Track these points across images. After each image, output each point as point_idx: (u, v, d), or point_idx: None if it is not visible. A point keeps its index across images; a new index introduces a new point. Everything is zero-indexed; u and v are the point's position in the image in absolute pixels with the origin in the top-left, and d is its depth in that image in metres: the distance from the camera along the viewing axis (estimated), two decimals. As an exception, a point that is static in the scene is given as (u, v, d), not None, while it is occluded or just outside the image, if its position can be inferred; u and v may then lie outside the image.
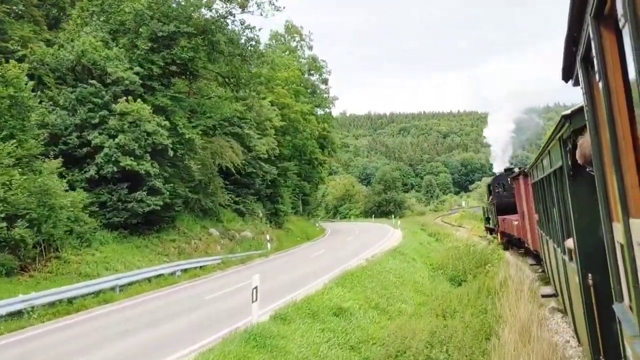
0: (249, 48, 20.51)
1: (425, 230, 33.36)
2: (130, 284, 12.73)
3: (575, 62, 2.32)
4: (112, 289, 11.98)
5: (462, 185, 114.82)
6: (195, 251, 18.13)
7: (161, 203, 16.03)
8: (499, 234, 23.35)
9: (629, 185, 1.77)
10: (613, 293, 2.34)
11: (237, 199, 24.99)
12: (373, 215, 60.96)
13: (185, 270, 15.32)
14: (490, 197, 26.24)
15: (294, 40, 51.26)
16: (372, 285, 10.63)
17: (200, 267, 16.19)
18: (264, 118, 27.49)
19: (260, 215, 27.00)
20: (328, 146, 52.15)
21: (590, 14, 1.77)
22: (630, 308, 2.01)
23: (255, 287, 7.43)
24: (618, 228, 2.02)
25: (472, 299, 9.27)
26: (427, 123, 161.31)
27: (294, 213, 39.72)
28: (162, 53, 17.82)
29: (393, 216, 53.84)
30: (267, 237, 23.55)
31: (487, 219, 28.21)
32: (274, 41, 49.76)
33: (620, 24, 1.37)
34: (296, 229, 32.40)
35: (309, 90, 47.13)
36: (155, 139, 15.97)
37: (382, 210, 70.87)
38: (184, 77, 20.25)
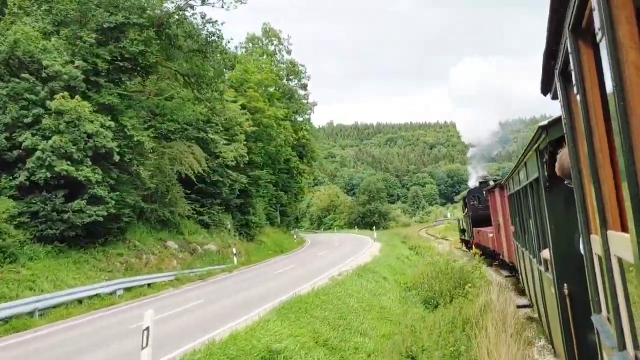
0: (210, 44, 20.13)
1: (406, 242, 34.43)
2: (55, 306, 11.82)
3: (554, 75, 2.53)
4: (31, 313, 11.08)
5: (448, 196, 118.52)
6: (146, 266, 17.62)
7: (105, 213, 15.32)
8: (473, 245, 24.83)
9: (606, 197, 1.95)
10: (591, 304, 2.54)
11: (201, 209, 25.46)
12: (356, 227, 62.60)
13: (129, 289, 14.80)
14: (466, 209, 28.14)
15: (272, 44, 52.66)
16: (326, 314, 9.32)
17: (149, 284, 15.82)
18: (233, 123, 27.72)
19: (229, 226, 27.65)
20: (307, 154, 53.63)
21: (568, 28, 1.95)
22: (609, 320, 2.19)
23: (147, 329, 5.93)
24: (596, 240, 2.21)
25: (445, 332, 8.40)
26: (414, 134, 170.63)
27: (271, 225, 41.17)
28: (109, 46, 17.13)
29: (374, 228, 54.93)
30: (234, 250, 23.77)
31: (463, 231, 30.35)
32: (250, 44, 51.11)
33: (598, 38, 1.53)
34: (270, 242, 33.63)
35: (286, 96, 48.54)
36: (97, 141, 15.28)
37: (366, 221, 72.25)
38: (136, 73, 19.54)
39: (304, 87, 54.33)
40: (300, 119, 51.50)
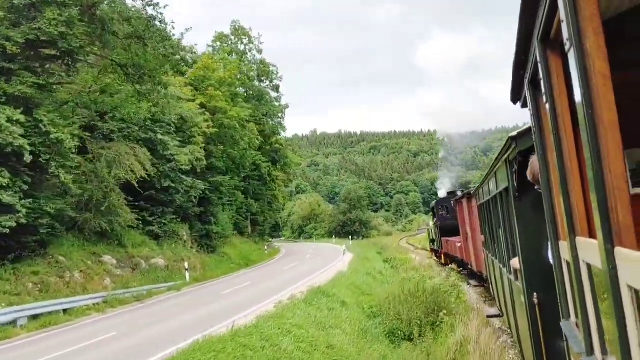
0: (150, 29, 19.27)
1: (382, 253, 35.44)
2: None
3: (523, 84, 2.83)
4: None
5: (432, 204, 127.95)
6: (68, 287, 16.33)
7: (12, 224, 14.16)
8: (442, 255, 27.76)
9: (575, 204, 2.21)
10: (560, 310, 2.84)
11: (150, 218, 24.79)
12: (334, 236, 66.56)
13: (36, 317, 13.38)
14: (435, 219, 30.39)
15: (242, 43, 53.41)
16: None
17: (65, 310, 14.52)
18: (189, 123, 27.39)
19: (185, 238, 27.29)
20: (281, 160, 54.57)
21: (537, 38, 2.21)
22: (577, 325, 2.45)
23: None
24: (565, 246, 2.48)
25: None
26: (398, 142, 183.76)
27: (240, 235, 42.85)
28: (23, 27, 15.83)
29: (350, 238, 58.21)
30: (186, 265, 23.47)
31: (432, 241, 32.92)
32: (218, 43, 51.66)
33: (566, 48, 1.74)
34: (236, 254, 33.95)
35: (255, 97, 49.81)
36: (0, 138, 13.88)
37: (346, 230, 76.46)
38: (60, 61, 18.39)
39: (276, 88, 55.31)
40: (272, 122, 53.19)
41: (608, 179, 1.52)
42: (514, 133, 4.66)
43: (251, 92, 49.80)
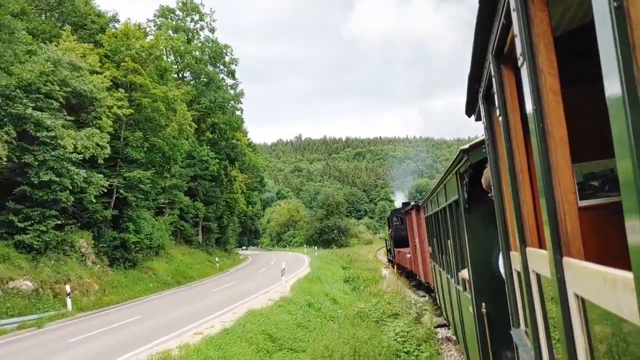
0: None
1: (348, 268, 34.07)
2: None
3: (478, 98, 2.96)
4: None
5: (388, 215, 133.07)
6: None
7: None
8: (395, 265, 29.76)
9: (525, 215, 2.36)
10: (511, 319, 2.97)
11: (22, 224, 20.21)
12: (305, 246, 68.89)
13: None
14: (390, 230, 32.73)
15: (192, 20, 49.96)
16: None
17: None
18: (87, 98, 23.38)
19: (85, 250, 23.84)
20: (238, 158, 52.00)
21: (491, 53, 2.32)
22: (527, 333, 2.58)
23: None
24: (515, 257, 2.61)
25: None
26: (383, 148, 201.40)
27: (188, 244, 42.27)
28: None
29: (316, 248, 58.37)
30: (67, 288, 19.69)
31: (389, 251, 35.11)
32: (162, 18, 47.99)
33: (519, 62, 1.89)
34: (167, 269, 31.45)
35: (203, 79, 46.93)
36: None
37: (324, 238, 76.88)
38: None
39: (232, 74, 51.98)
40: (226, 114, 49.41)
41: (557, 191, 1.68)
42: (466, 146, 5.00)
43: (204, 79, 47.48)
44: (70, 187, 21.49)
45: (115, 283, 24.58)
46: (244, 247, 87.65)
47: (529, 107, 1.86)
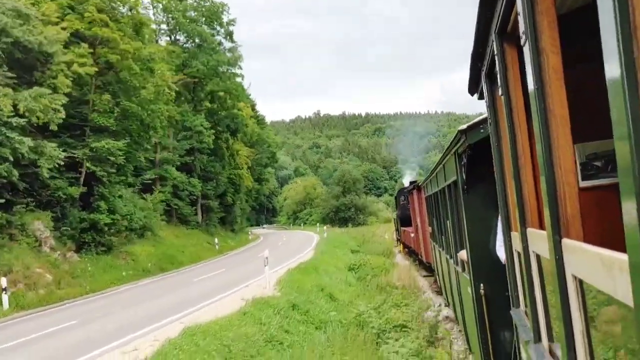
0: None
1: (358, 251, 34.13)
2: None
3: (481, 76, 3.08)
4: None
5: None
6: None
7: None
8: (401, 244, 32.34)
9: (526, 196, 2.51)
10: (510, 299, 3.17)
11: None
12: (318, 224, 70.60)
13: None
14: (397, 209, 32.88)
15: None
16: None
17: None
18: (37, 51, 21.37)
19: (41, 234, 21.78)
20: (240, 130, 51.27)
21: (494, 31, 2.43)
22: (526, 313, 2.78)
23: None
24: (516, 237, 2.78)
25: None
26: (404, 123, 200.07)
27: (184, 224, 42.25)
28: None
29: (325, 227, 59.38)
30: (3, 282, 17.71)
31: (397, 230, 37.14)
32: None
33: (522, 41, 2.00)
34: (152, 254, 30.18)
35: (196, 40, 45.65)
36: None
37: (340, 216, 79.47)
38: None
39: (229, 36, 49.74)
40: (222, 79, 47.28)
41: (558, 172, 1.80)
42: (464, 126, 5.23)
43: (197, 40, 45.89)
44: (12, 158, 19.33)
45: (78, 272, 22.83)
46: (264, 226, 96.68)
47: (531, 86, 1.96)
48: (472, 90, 3.68)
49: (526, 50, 1.98)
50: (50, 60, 21.98)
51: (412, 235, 23.43)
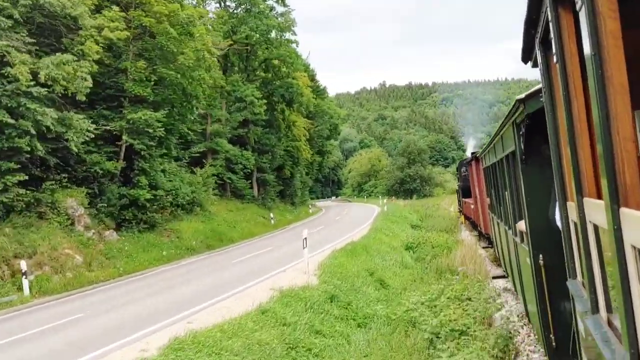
0: None
1: (420, 226, 34.91)
2: None
3: (534, 44, 3.09)
4: None
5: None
6: None
7: None
8: (463, 216, 33.72)
9: (583, 165, 2.57)
10: (567, 270, 3.25)
11: None
12: (380, 196, 71.65)
13: None
14: (459, 180, 35.78)
15: None
16: None
17: None
18: (62, 15, 20.56)
19: (75, 211, 21.57)
20: (295, 100, 49.82)
21: (549, -4, 2.45)
22: (583, 284, 2.86)
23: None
24: (572, 207, 2.84)
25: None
26: (472, 92, 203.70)
27: (239, 199, 42.94)
28: None
29: (384, 201, 58.67)
30: (23, 266, 17.12)
31: (459, 202, 38.77)
32: None
33: (577, 6, 2.01)
34: (199, 231, 29.95)
35: (245, 5, 44.77)
36: None
37: (405, 188, 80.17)
38: None
39: (281, 0, 48.65)
40: (273, 46, 46.09)
41: (616, 140, 1.82)
42: (522, 95, 5.23)
43: (246, 4, 44.90)
44: (34, 132, 18.79)
45: (113, 253, 22.29)
46: (332, 198, 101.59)
47: (587, 52, 1.96)
48: (525, 59, 3.68)
49: (582, 15, 2.00)
50: (78, 25, 21.16)
51: (472, 206, 24.02)
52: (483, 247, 20.81)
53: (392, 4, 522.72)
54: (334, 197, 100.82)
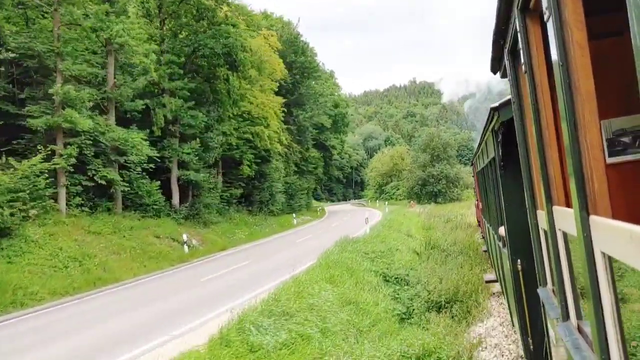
0: None
1: (420, 254, 20.00)
2: None
3: (504, 54, 2.99)
4: None
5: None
6: None
7: None
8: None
9: (552, 174, 2.43)
10: (537, 278, 3.10)
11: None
12: (408, 199, 62.71)
13: None
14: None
15: None
16: None
17: None
18: None
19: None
20: (238, 60, 33.36)
21: (517, 7, 2.34)
22: (554, 292, 2.71)
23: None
24: (542, 215, 2.70)
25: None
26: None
27: (145, 212, 27.05)
28: None
29: (386, 209, 46.51)
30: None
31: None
32: None
33: (545, 17, 1.91)
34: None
35: None
36: None
37: (427, 190, 64.65)
38: None
39: None
40: None
41: (584, 147, 1.73)
42: (496, 104, 5.10)
43: None
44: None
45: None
46: (352, 201, 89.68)
47: (555, 62, 1.89)
48: (494, 69, 3.60)
49: (550, 26, 1.94)
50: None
51: (480, 208, 22.69)
52: (484, 251, 17.29)
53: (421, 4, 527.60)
54: (352, 200, 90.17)
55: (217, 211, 32.38)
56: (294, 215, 44.56)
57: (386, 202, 54.77)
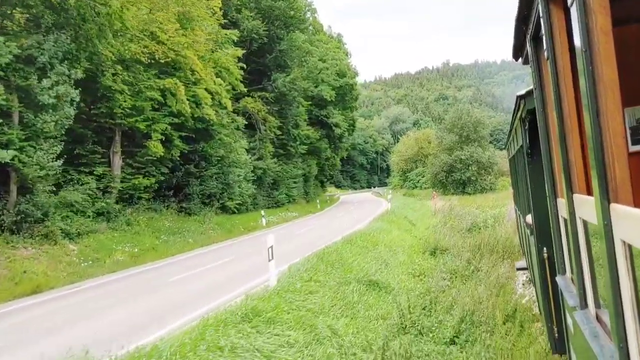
0: None
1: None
2: None
3: (526, 40, 2.84)
4: None
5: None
6: None
7: None
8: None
9: (573, 161, 2.29)
10: (556, 266, 2.98)
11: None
12: (425, 186, 54.85)
13: None
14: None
15: None
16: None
17: None
18: None
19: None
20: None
21: (540, -7, 2.23)
22: (572, 280, 2.58)
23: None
24: (562, 203, 2.58)
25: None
26: None
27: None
28: None
29: (389, 203, 37.19)
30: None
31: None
32: None
33: (569, 2, 1.77)
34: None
35: None
36: None
37: (454, 178, 51.87)
38: None
39: None
40: None
41: (606, 135, 1.62)
42: (522, 91, 4.86)
43: None
44: None
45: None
46: (373, 189, 79.89)
47: (578, 48, 1.77)
48: (516, 55, 3.45)
49: (573, 11, 1.83)
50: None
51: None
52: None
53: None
54: (376, 188, 79.32)
55: (99, 213, 20.20)
56: (262, 212, 32.14)
57: (389, 192, 44.43)
